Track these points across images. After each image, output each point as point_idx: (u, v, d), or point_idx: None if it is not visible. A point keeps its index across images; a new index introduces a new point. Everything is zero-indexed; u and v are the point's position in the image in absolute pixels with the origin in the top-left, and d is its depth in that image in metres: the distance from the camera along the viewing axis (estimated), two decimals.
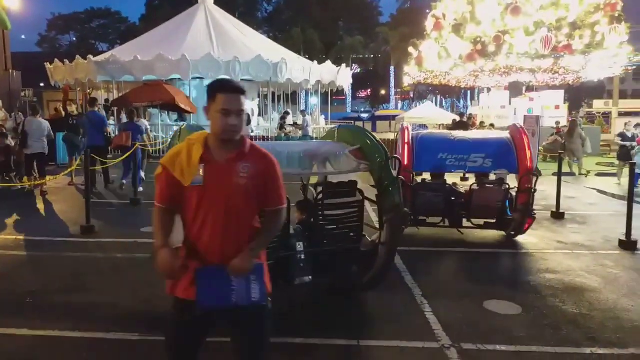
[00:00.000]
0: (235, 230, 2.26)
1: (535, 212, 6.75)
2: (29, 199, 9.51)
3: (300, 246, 4.11)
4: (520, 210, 6.62)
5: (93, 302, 4.52)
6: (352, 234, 4.48)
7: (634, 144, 11.67)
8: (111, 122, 16.85)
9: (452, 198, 6.79)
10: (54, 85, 21.82)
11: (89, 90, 21.51)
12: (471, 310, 4.46)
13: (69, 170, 10.23)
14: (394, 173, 4.36)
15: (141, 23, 52.27)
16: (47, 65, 20.90)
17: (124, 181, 10.25)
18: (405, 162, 6.58)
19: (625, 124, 12.70)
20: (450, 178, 7.72)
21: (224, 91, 2.19)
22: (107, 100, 20.51)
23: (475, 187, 6.78)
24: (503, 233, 6.99)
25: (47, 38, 60.53)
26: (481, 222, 6.91)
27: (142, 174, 10.35)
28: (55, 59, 20.48)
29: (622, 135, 12.32)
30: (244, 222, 2.29)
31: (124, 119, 15.49)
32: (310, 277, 4.06)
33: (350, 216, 4.43)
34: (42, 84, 31.62)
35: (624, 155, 11.91)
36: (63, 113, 13.45)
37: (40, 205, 8.95)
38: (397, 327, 4.09)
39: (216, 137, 2.23)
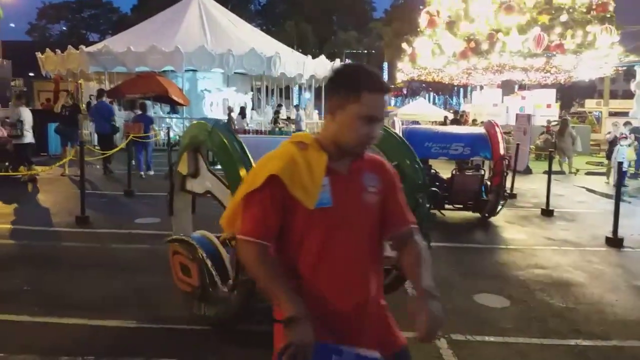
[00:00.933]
0: (367, 265, 1.70)
1: (507, 193, 7.79)
2: (23, 189, 9.51)
3: None
4: (494, 192, 7.55)
5: (90, 291, 4.58)
6: None
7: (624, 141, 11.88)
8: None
9: (437, 183, 7.42)
10: (44, 75, 21.67)
11: (80, 81, 21.43)
12: (461, 302, 4.58)
13: (63, 161, 10.22)
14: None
15: (133, 13, 51.91)
16: (39, 54, 20.75)
17: (142, 173, 11.01)
18: None
19: (613, 124, 12.90)
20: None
21: (373, 89, 1.56)
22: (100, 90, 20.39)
23: (456, 173, 7.65)
24: (493, 229, 7.19)
25: (37, 27, 59.88)
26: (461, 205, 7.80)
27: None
28: (47, 49, 20.34)
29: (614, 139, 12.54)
30: (376, 253, 1.74)
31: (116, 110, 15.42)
32: None
33: None
34: (31, 74, 31.34)
35: (612, 154, 12.11)
36: (55, 104, 13.44)
37: (34, 196, 8.96)
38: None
39: (344, 145, 1.62)
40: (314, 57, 22.17)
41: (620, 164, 7.16)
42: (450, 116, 21.65)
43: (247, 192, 1.62)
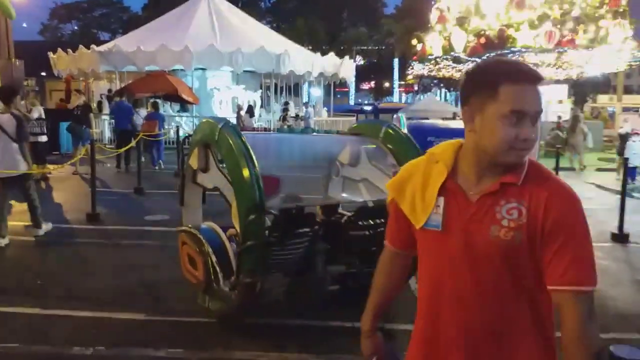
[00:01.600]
0: (495, 322, 1.32)
1: None
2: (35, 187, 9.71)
3: None
4: None
5: (101, 285, 4.72)
6: None
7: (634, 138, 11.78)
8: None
9: None
10: (56, 75, 21.99)
11: (90, 80, 21.70)
12: None
13: (74, 159, 10.41)
14: None
15: (143, 12, 52.28)
16: (50, 54, 21.06)
17: (156, 167, 12.26)
18: None
19: (624, 120, 12.81)
20: None
21: (516, 79, 1.27)
22: (109, 91, 20.68)
23: None
24: None
25: (49, 27, 60.54)
26: None
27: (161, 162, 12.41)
28: (59, 49, 20.63)
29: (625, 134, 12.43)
30: (520, 312, 1.31)
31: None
32: None
33: None
34: (43, 73, 31.72)
35: (624, 149, 12.02)
36: (68, 104, 13.71)
37: (46, 194, 9.15)
38: (394, 311, 4.26)
39: (486, 156, 1.32)
40: (323, 53, 22.22)
41: (626, 159, 7.15)
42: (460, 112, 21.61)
43: (388, 200, 1.54)
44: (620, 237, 6.60)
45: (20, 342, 3.61)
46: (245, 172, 3.35)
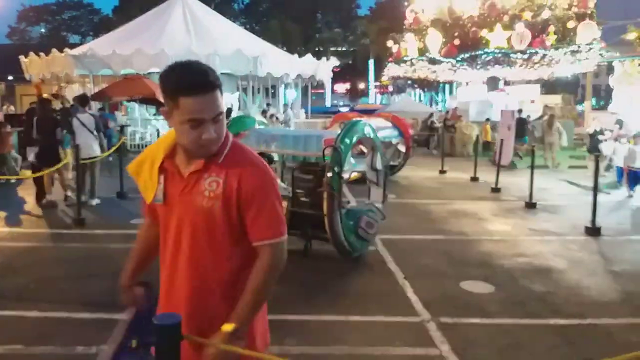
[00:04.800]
0: (201, 273, 1.65)
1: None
2: (13, 192, 9.62)
3: None
4: (404, 158, 11.28)
5: (94, 287, 4.78)
6: None
7: (601, 136, 12.25)
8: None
9: None
10: (28, 79, 21.56)
11: (63, 84, 21.33)
12: (448, 289, 4.86)
13: (58, 165, 10.27)
14: None
15: (114, 15, 51.56)
16: (22, 58, 20.63)
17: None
18: None
19: (593, 119, 13.29)
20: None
21: (190, 92, 1.49)
22: (84, 95, 20.34)
23: None
24: (479, 222, 7.60)
25: (17, 30, 59.19)
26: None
27: None
28: (31, 52, 20.25)
29: (596, 131, 12.88)
30: (215, 262, 1.65)
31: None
32: None
33: None
34: (10, 77, 30.97)
35: (593, 148, 12.50)
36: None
37: (27, 199, 9.06)
38: (382, 305, 4.45)
39: (185, 149, 1.62)
40: (299, 55, 22.33)
41: (597, 156, 7.50)
42: (437, 114, 22.04)
43: None
44: (593, 231, 6.92)
45: (22, 343, 3.66)
46: None
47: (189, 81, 1.50)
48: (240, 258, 1.68)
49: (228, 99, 20.43)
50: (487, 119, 18.19)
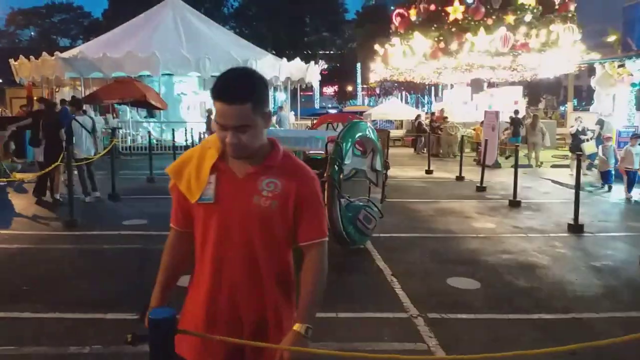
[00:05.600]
0: (252, 272, 1.71)
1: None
2: (4, 195, 9.61)
3: None
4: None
5: (88, 288, 4.83)
6: None
7: (583, 136, 12.49)
8: None
9: None
10: (18, 82, 21.44)
11: (54, 87, 21.27)
12: (435, 286, 4.99)
13: (48, 169, 10.29)
14: None
15: (104, 18, 51.26)
16: (12, 61, 20.53)
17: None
18: None
19: (576, 119, 13.56)
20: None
21: (218, 98, 1.59)
22: (73, 98, 20.30)
23: None
24: (465, 220, 7.77)
25: (6, 33, 58.56)
26: None
27: None
28: (21, 56, 20.15)
29: (579, 130, 13.10)
30: (265, 261, 1.71)
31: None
32: None
33: None
34: (0, 80, 30.73)
35: (575, 147, 12.74)
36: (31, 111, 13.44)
37: (18, 202, 9.06)
38: (371, 301, 4.56)
39: None
40: (288, 59, 22.46)
41: (579, 156, 7.70)
42: (423, 116, 22.24)
43: (169, 187, 1.80)
44: (576, 228, 7.11)
45: (15, 344, 3.70)
46: None
47: (220, 87, 1.59)
48: (288, 255, 1.79)
49: None
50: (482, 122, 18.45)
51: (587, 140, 12.64)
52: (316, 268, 1.74)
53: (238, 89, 1.58)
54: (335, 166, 5.49)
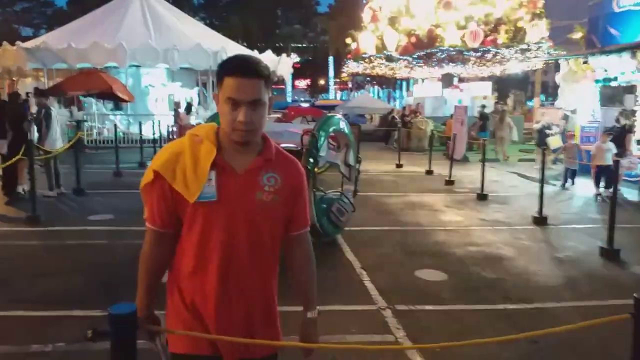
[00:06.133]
0: (260, 269, 1.70)
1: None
2: None
3: None
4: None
5: (51, 286, 4.71)
6: None
7: (548, 131, 12.78)
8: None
9: None
10: None
11: (15, 78, 20.58)
12: (404, 278, 5.05)
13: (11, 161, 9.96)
14: None
15: (69, 7, 49.85)
16: None
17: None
18: None
19: (541, 114, 13.89)
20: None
21: (234, 73, 1.56)
22: (36, 89, 19.67)
23: None
24: (433, 213, 7.84)
25: None
26: None
27: None
28: None
29: (543, 125, 13.39)
30: (271, 256, 1.73)
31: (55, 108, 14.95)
32: None
33: None
34: None
35: (541, 142, 13.05)
36: None
37: None
38: (339, 294, 4.59)
39: (227, 136, 1.63)
40: (259, 51, 22.27)
41: (544, 149, 7.89)
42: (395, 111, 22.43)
43: (143, 184, 1.67)
44: (540, 220, 7.30)
45: None
46: None
47: (235, 63, 1.58)
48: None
49: (188, 94, 20.21)
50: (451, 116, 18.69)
51: (552, 135, 12.95)
52: (311, 256, 1.82)
53: (254, 64, 1.58)
54: (311, 158, 5.52)
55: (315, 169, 5.73)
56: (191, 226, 1.62)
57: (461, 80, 25.96)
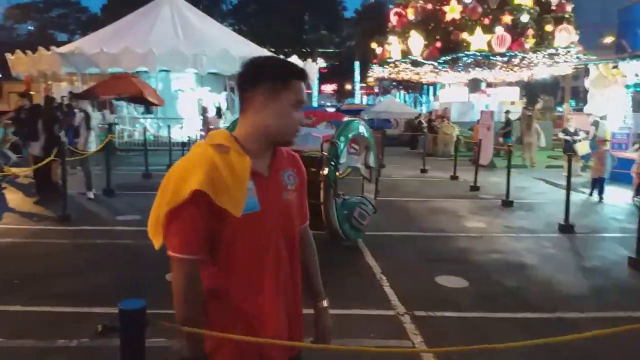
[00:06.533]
0: (294, 272, 1.70)
1: None
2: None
3: None
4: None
5: (78, 282, 4.86)
6: None
7: (576, 137, 12.52)
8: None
9: None
10: (14, 77, 21.40)
11: (49, 82, 21.24)
12: (424, 284, 5.03)
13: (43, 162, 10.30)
14: None
15: (102, 13, 51.16)
16: (8, 56, 20.50)
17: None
18: None
19: (567, 120, 13.61)
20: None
21: (298, 77, 1.58)
22: (70, 93, 20.26)
23: None
24: (457, 219, 7.81)
25: (3, 27, 58.38)
26: None
27: None
28: (17, 50, 20.11)
29: (565, 131, 13.19)
30: (298, 256, 1.72)
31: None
32: None
33: None
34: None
35: (568, 148, 12.79)
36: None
37: (11, 196, 9.08)
38: (358, 298, 4.60)
39: (269, 137, 1.57)
40: (285, 56, 22.45)
41: (570, 157, 7.75)
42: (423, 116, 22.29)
43: (172, 207, 1.46)
44: (566, 228, 7.16)
45: (3, 337, 3.73)
46: None
47: (294, 67, 1.60)
48: None
49: (216, 98, 20.53)
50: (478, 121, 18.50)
51: (578, 141, 12.67)
52: (314, 248, 1.83)
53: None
54: (331, 166, 5.57)
55: (337, 174, 5.76)
56: (234, 242, 1.52)
57: (489, 85, 25.66)
